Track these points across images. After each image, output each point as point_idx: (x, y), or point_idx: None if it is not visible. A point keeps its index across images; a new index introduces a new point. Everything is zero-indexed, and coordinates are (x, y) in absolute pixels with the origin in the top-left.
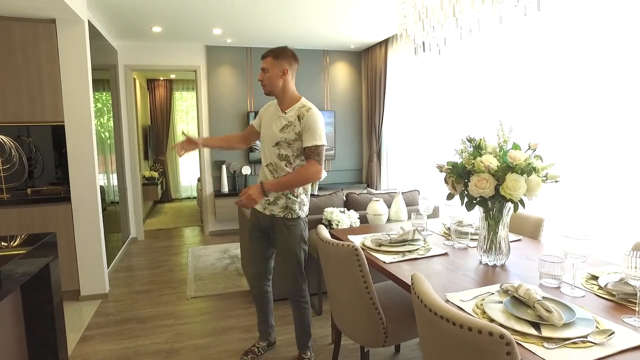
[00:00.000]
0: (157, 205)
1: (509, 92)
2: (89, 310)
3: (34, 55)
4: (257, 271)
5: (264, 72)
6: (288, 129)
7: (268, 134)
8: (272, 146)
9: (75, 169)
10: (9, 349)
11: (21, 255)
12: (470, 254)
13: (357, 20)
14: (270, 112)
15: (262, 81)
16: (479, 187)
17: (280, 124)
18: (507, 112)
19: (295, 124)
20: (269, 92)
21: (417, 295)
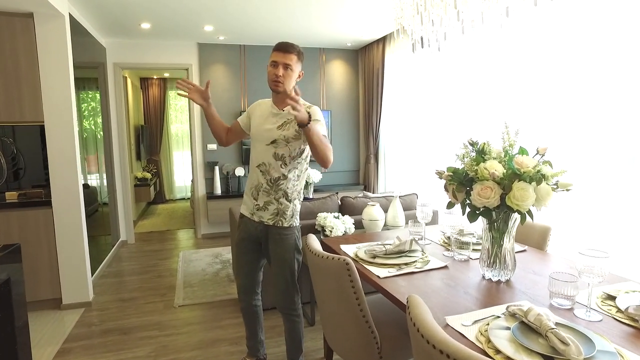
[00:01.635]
0: (151, 207)
1: (515, 91)
2: (71, 320)
3: (10, 50)
4: (245, 284)
5: (285, 69)
6: (287, 126)
7: (261, 132)
8: (267, 145)
9: (56, 171)
10: None
11: None
12: (472, 267)
13: (353, 17)
14: (263, 110)
15: (281, 77)
16: (482, 196)
17: (277, 121)
18: (513, 114)
19: (293, 120)
20: (281, 90)
21: (413, 322)
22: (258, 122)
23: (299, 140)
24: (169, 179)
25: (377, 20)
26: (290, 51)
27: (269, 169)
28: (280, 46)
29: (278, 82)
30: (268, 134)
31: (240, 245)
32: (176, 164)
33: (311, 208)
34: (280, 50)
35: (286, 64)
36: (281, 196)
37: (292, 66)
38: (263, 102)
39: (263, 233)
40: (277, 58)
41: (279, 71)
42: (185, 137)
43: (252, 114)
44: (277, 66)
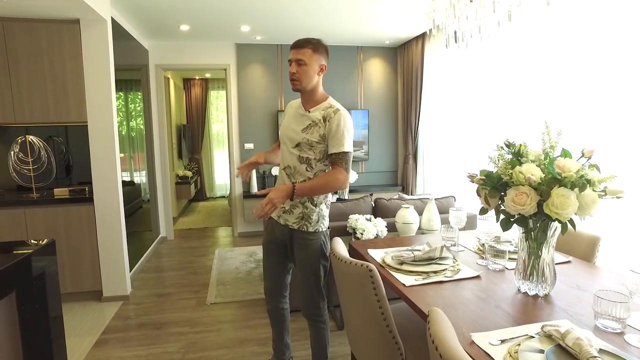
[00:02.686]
0: (191, 204)
1: (559, 88)
2: (110, 312)
3: (58, 56)
4: (272, 287)
5: (298, 65)
6: (311, 130)
7: (287, 134)
8: (292, 148)
9: (98, 169)
10: None
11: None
12: (507, 278)
13: (391, 14)
14: (292, 111)
15: (295, 74)
16: (517, 202)
17: (302, 123)
18: (556, 113)
19: (320, 125)
20: (301, 88)
21: (432, 339)
22: (286, 122)
23: (323, 144)
24: (209, 177)
25: (415, 15)
26: (303, 46)
27: (294, 172)
28: (294, 43)
29: (294, 80)
30: (293, 136)
31: (267, 248)
32: (217, 163)
33: (343, 209)
34: (293, 47)
35: (298, 59)
36: (307, 200)
37: (305, 60)
38: (295, 103)
39: (288, 237)
40: (291, 56)
41: (293, 68)
42: (226, 136)
43: (285, 115)
44: (292, 64)
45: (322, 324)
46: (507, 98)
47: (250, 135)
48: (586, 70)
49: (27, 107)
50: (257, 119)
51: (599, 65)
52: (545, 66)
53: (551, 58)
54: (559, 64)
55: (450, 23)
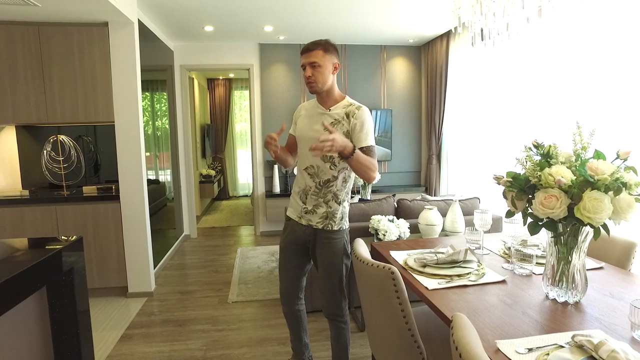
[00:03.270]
0: (215, 203)
1: (590, 87)
2: (134, 308)
3: (88, 57)
4: (288, 289)
5: (313, 68)
6: (335, 127)
7: (308, 135)
8: None
9: (124, 168)
10: (37, 352)
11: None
12: (535, 284)
13: (415, 12)
14: (308, 111)
15: (311, 77)
16: (546, 206)
17: (325, 122)
18: (588, 112)
19: (343, 122)
20: (318, 89)
21: (455, 345)
22: (305, 122)
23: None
24: (232, 176)
25: (440, 14)
26: (313, 48)
27: (317, 172)
28: (303, 48)
29: (310, 83)
30: (315, 135)
31: (286, 250)
32: (240, 162)
33: (365, 210)
34: (304, 51)
35: (311, 62)
36: (330, 199)
37: (318, 62)
38: (307, 104)
39: (311, 237)
40: (303, 61)
41: (308, 72)
42: (249, 136)
43: (298, 117)
44: (305, 68)
45: (343, 324)
46: (535, 97)
47: None
48: (621, 67)
49: (59, 108)
50: (279, 118)
51: (634, 62)
52: (576, 64)
53: (583, 55)
54: (591, 61)
55: (476, 21)
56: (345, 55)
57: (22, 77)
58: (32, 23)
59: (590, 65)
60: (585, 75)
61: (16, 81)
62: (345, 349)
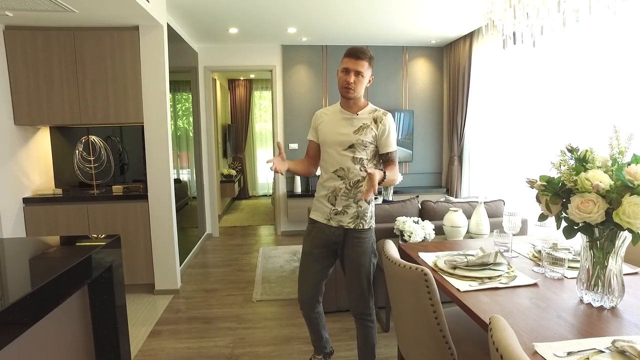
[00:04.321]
0: (235, 202)
1: (626, 90)
2: (161, 305)
3: (120, 60)
4: (311, 294)
5: (356, 76)
6: (364, 131)
7: (336, 139)
8: (344, 150)
9: (152, 168)
10: (79, 346)
11: (88, 256)
12: (567, 287)
13: (439, 12)
14: (331, 117)
15: (352, 84)
16: (582, 210)
17: (353, 126)
18: (623, 117)
19: (371, 126)
20: (352, 97)
21: (496, 347)
22: (330, 128)
23: (373, 145)
24: (252, 176)
25: (464, 14)
26: (362, 57)
27: (347, 174)
28: (352, 52)
29: (349, 89)
30: (344, 139)
31: (312, 253)
32: (259, 162)
33: (390, 211)
34: (352, 56)
35: (357, 71)
36: (359, 198)
37: (363, 72)
38: (327, 110)
39: (341, 238)
40: (349, 65)
41: (351, 78)
42: (269, 136)
43: (319, 123)
44: (349, 73)
45: (370, 323)
46: (562, 99)
47: (295, 135)
48: None
49: (91, 109)
50: (302, 119)
51: None
52: (608, 66)
53: (616, 57)
54: (624, 63)
55: (509, 24)
56: None
57: (57, 81)
58: (68, 28)
59: (622, 68)
60: (616, 79)
61: (52, 84)
62: (372, 347)
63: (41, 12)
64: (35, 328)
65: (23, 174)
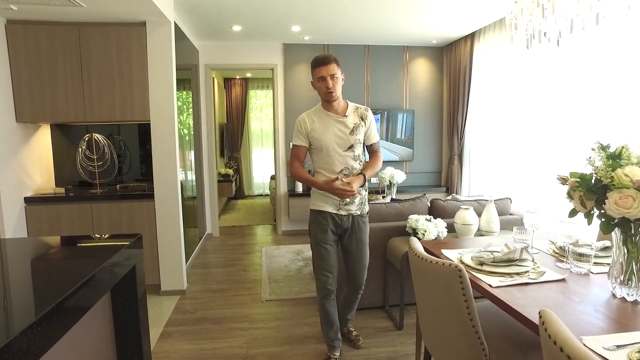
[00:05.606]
0: (231, 202)
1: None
2: (169, 306)
3: (126, 57)
4: (334, 278)
5: (332, 79)
6: (358, 131)
7: (335, 141)
8: (345, 151)
9: (159, 167)
10: (103, 347)
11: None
12: (594, 282)
13: (444, 13)
14: (322, 122)
15: (332, 87)
16: (621, 206)
17: (347, 127)
18: (623, 115)
19: (361, 124)
20: (335, 99)
21: (553, 340)
22: (326, 133)
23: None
24: (248, 176)
25: (467, 15)
26: (330, 62)
27: (352, 171)
28: (320, 61)
29: (331, 93)
30: (344, 142)
31: (327, 244)
32: (255, 161)
33: (400, 209)
34: (322, 64)
35: (331, 74)
36: (360, 189)
37: (336, 74)
38: (312, 115)
39: (349, 224)
40: (322, 73)
41: (329, 83)
42: (264, 135)
43: (310, 130)
44: (325, 79)
45: (361, 292)
46: (563, 99)
47: None
48: None
49: (96, 107)
50: None
51: None
52: (610, 66)
53: (616, 58)
54: (626, 63)
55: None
56: (369, 56)
57: (61, 77)
58: (73, 23)
59: (624, 68)
60: (618, 79)
61: (55, 81)
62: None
63: (47, 5)
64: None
65: (25, 172)
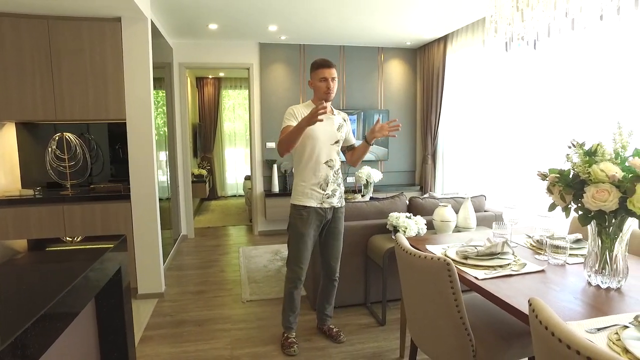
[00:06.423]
0: (204, 203)
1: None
2: (147, 310)
3: (100, 53)
4: (306, 267)
5: (332, 81)
6: (342, 129)
7: (326, 135)
8: (332, 144)
9: (135, 166)
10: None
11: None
12: (570, 272)
13: (419, 15)
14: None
15: (332, 88)
16: (598, 199)
17: (334, 124)
18: (592, 115)
19: (343, 124)
20: (332, 98)
21: (545, 325)
22: (318, 126)
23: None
24: (221, 176)
25: (442, 18)
26: (333, 65)
27: (334, 163)
28: (324, 63)
29: (331, 93)
30: (332, 136)
31: (309, 236)
32: (228, 162)
33: (380, 208)
34: (326, 66)
35: (333, 77)
36: (340, 181)
37: (336, 77)
38: (304, 107)
39: (330, 215)
40: (325, 74)
41: (330, 84)
42: (237, 136)
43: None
44: (327, 80)
45: (337, 282)
46: (532, 99)
47: (273, 134)
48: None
49: (68, 105)
50: (279, 117)
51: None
52: (577, 67)
53: (585, 58)
54: (593, 64)
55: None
56: (344, 56)
57: (29, 73)
58: (41, 16)
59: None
60: (584, 79)
61: (23, 76)
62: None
63: None
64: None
65: None
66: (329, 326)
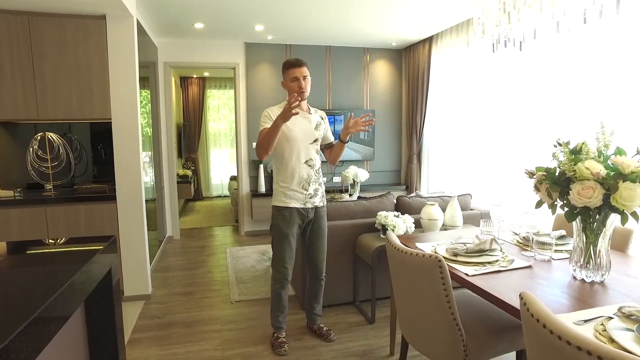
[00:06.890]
0: (189, 204)
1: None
2: (134, 312)
3: (84, 52)
4: (292, 267)
5: (304, 80)
6: (320, 127)
7: (303, 133)
8: (311, 143)
9: (121, 167)
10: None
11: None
12: (556, 267)
13: (406, 16)
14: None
15: (304, 87)
16: (583, 195)
17: (312, 123)
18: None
19: (322, 122)
20: (306, 98)
21: (536, 318)
22: (295, 126)
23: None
24: (205, 177)
25: (428, 19)
26: (303, 64)
27: (314, 162)
28: (294, 62)
29: (303, 92)
30: (310, 135)
31: (292, 236)
32: (213, 162)
33: (368, 207)
34: (296, 65)
35: (304, 76)
36: (321, 181)
37: (308, 76)
38: (279, 108)
39: (312, 215)
40: (297, 74)
41: (301, 83)
42: (222, 136)
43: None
44: (298, 79)
45: (324, 281)
46: (515, 99)
47: None
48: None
49: (51, 104)
50: None
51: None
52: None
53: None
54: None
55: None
56: (330, 57)
57: (8, 71)
58: (21, 12)
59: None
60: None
61: (2, 74)
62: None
63: None
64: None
65: None
66: (319, 325)
